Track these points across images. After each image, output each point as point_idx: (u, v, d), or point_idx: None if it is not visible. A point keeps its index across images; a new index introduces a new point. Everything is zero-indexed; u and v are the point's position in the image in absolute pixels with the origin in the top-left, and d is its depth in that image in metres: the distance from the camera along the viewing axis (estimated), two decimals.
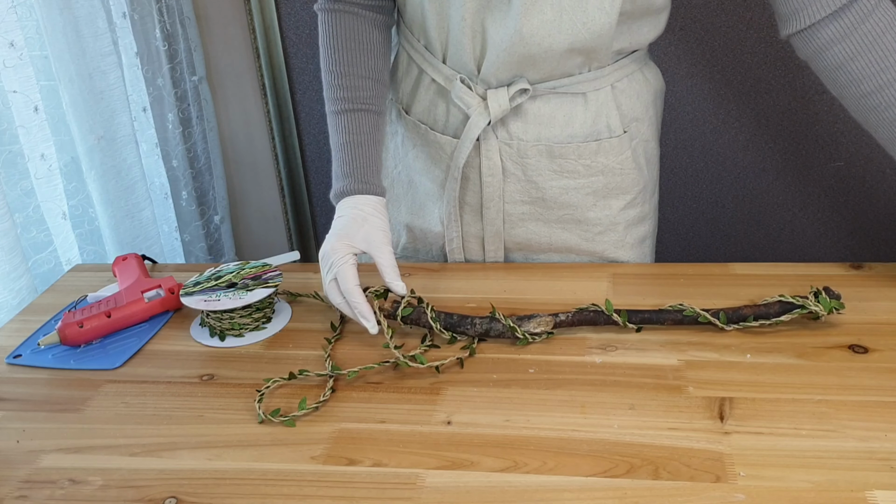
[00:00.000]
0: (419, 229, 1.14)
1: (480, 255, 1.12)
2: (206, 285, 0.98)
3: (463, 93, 1.00)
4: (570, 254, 1.10)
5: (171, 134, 1.74)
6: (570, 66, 0.97)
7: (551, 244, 1.10)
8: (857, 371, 0.83)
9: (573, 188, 1.05)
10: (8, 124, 1.21)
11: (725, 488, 0.69)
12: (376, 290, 0.92)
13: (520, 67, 0.96)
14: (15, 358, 0.95)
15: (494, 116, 0.99)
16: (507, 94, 0.98)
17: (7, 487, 0.74)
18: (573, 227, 1.08)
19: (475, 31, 0.95)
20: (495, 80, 0.98)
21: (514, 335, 0.90)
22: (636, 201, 1.09)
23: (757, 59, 1.83)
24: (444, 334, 0.91)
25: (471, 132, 1.01)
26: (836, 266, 1.03)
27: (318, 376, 0.87)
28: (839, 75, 0.93)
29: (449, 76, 1.02)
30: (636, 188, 1.08)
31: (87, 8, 1.34)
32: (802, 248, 2.04)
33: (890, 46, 0.89)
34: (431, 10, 0.97)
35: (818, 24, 0.91)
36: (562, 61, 0.96)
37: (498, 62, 0.96)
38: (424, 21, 0.99)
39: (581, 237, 1.09)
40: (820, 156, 1.92)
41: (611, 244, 1.09)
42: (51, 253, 1.31)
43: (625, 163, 1.05)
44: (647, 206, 1.11)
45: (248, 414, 0.83)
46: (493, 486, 0.71)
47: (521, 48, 0.93)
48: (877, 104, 0.91)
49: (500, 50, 0.94)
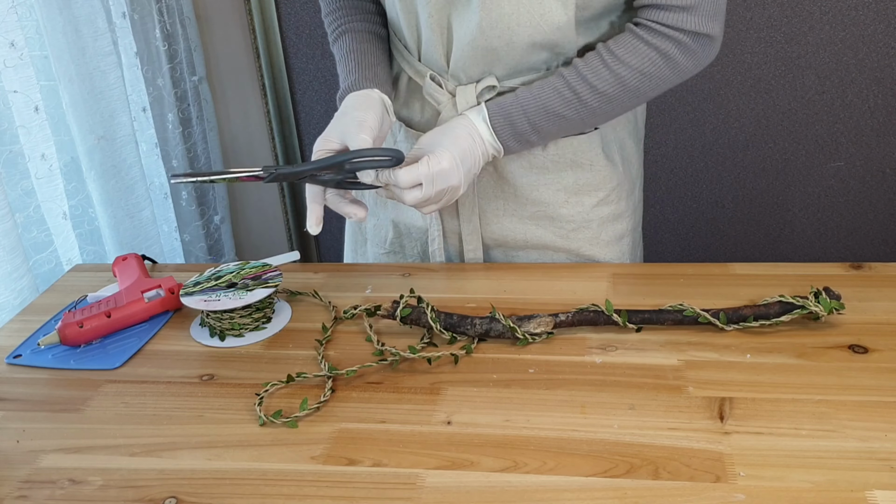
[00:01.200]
0: (404, 224, 1.15)
1: (460, 251, 1.12)
2: (206, 285, 0.98)
3: (433, 89, 1.02)
4: (547, 251, 1.11)
5: (171, 134, 1.74)
6: (535, 61, 0.98)
7: (527, 241, 1.10)
8: (857, 371, 0.83)
9: (543, 184, 1.06)
10: (8, 124, 1.21)
11: (725, 488, 0.69)
12: (367, 309, 0.94)
13: (486, 63, 0.98)
14: (15, 358, 0.95)
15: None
16: (474, 91, 0.99)
17: (7, 487, 0.74)
18: (547, 224, 1.09)
19: (442, 27, 0.97)
20: (465, 75, 1.00)
21: (514, 335, 0.90)
22: (610, 199, 1.09)
23: (757, 59, 1.83)
24: (444, 334, 0.91)
25: None
26: (836, 266, 1.03)
27: (317, 377, 0.87)
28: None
29: (422, 72, 1.03)
30: (609, 185, 1.08)
31: (87, 8, 1.34)
32: (802, 248, 2.04)
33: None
34: (401, 8, 0.98)
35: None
36: (526, 56, 0.97)
37: (464, 57, 0.97)
38: (398, 19, 1.01)
39: (555, 234, 1.09)
40: (820, 156, 1.92)
41: (585, 241, 1.09)
42: (51, 253, 1.31)
43: (595, 159, 1.06)
44: (623, 204, 1.11)
45: (248, 414, 0.83)
46: (493, 486, 0.71)
47: (482, 42, 0.94)
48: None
49: (465, 44, 0.96)
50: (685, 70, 0.95)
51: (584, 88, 0.94)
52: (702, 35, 0.91)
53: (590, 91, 0.93)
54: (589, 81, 0.93)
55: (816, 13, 1.76)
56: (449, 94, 1.02)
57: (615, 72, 0.93)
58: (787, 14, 1.77)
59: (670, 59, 0.92)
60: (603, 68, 0.93)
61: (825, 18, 1.76)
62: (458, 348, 0.90)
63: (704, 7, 0.90)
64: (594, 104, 0.94)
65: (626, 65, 0.92)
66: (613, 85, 0.93)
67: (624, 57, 0.92)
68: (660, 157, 1.97)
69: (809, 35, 1.78)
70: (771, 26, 1.78)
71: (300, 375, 0.86)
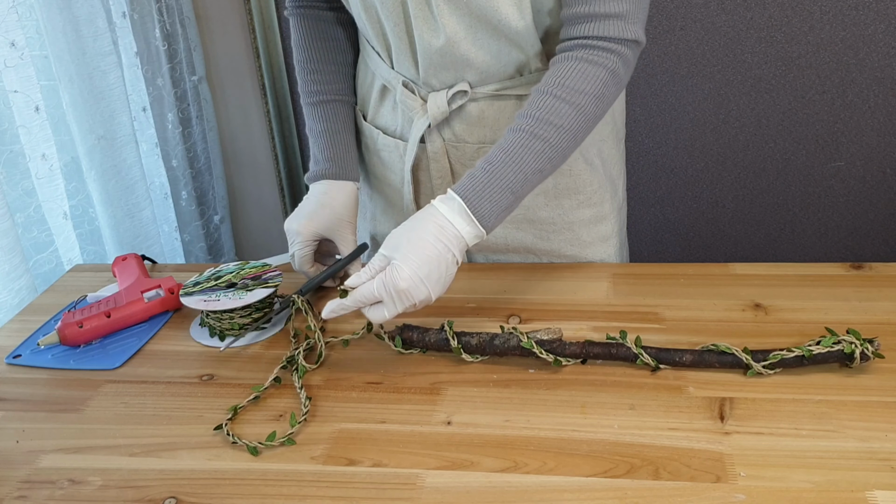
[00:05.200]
0: (381, 235, 1.15)
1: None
2: (206, 285, 0.98)
3: (405, 96, 1.02)
4: (529, 254, 1.11)
5: (171, 134, 1.74)
6: (507, 67, 0.97)
7: (508, 244, 1.10)
8: (857, 371, 0.83)
9: None
10: (9, 124, 1.21)
11: (725, 488, 0.69)
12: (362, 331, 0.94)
13: (456, 70, 0.97)
14: (15, 358, 0.95)
15: (434, 119, 1.01)
16: (445, 97, 0.99)
17: (7, 487, 0.74)
18: (527, 227, 1.09)
19: (410, 36, 0.96)
20: (437, 82, 1.00)
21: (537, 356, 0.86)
22: (591, 201, 1.08)
23: (757, 59, 1.83)
24: (468, 357, 0.88)
25: (414, 134, 1.03)
26: (837, 266, 1.03)
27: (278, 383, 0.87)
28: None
29: (394, 80, 1.03)
30: (589, 188, 1.07)
31: (87, 8, 1.34)
32: (802, 248, 2.04)
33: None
34: (368, 20, 0.98)
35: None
36: (495, 63, 0.96)
37: (433, 65, 0.97)
38: (367, 30, 1.00)
39: (536, 236, 1.09)
40: (820, 156, 1.92)
41: (566, 242, 1.09)
42: (52, 253, 1.31)
43: (574, 164, 1.05)
44: (607, 206, 1.10)
45: (248, 414, 0.83)
46: (493, 486, 0.71)
47: (449, 49, 0.94)
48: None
49: (432, 53, 0.95)
50: (623, 84, 0.92)
51: (550, 131, 0.86)
52: (636, 43, 0.89)
53: (556, 132, 0.86)
54: (553, 123, 0.86)
55: (816, 13, 1.76)
56: (421, 99, 1.02)
57: (574, 104, 0.87)
58: (787, 14, 1.77)
59: (616, 75, 0.89)
60: (562, 104, 0.86)
61: (825, 18, 1.76)
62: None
63: (635, 14, 0.88)
64: (562, 144, 0.88)
65: (583, 93, 0.87)
66: (575, 118, 0.87)
67: (578, 86, 0.87)
68: (660, 157, 1.97)
69: (809, 35, 1.78)
70: (771, 26, 1.78)
71: (256, 389, 0.86)
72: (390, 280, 0.80)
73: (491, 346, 0.87)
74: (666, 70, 1.86)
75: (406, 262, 0.81)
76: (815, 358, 0.82)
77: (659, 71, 1.86)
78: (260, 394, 0.85)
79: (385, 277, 0.81)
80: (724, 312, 0.95)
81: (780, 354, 0.82)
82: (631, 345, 0.85)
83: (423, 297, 0.82)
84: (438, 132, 1.03)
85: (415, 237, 0.82)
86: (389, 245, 0.83)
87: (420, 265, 0.81)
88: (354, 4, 0.97)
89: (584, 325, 0.94)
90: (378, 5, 0.94)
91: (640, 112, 1.92)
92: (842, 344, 0.82)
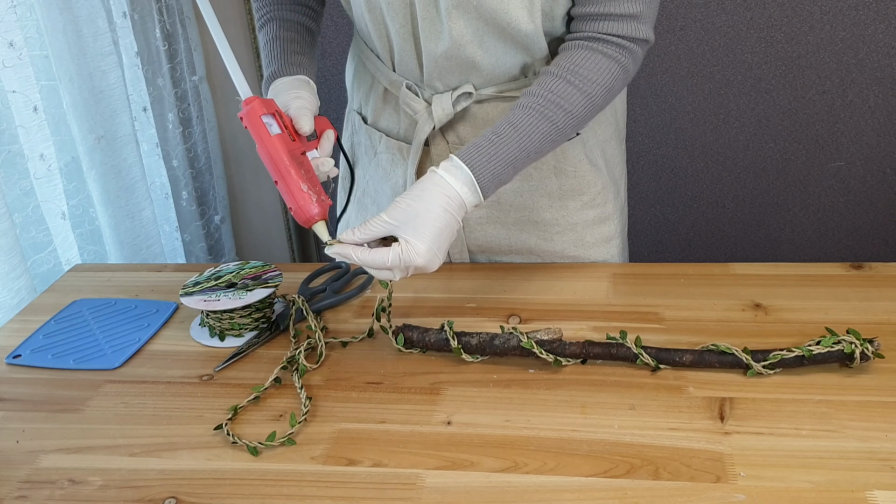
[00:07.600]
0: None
1: (446, 258, 1.11)
2: (206, 285, 0.98)
3: (409, 98, 1.01)
4: (532, 255, 1.11)
5: (172, 134, 1.74)
6: (512, 70, 0.97)
7: (511, 246, 1.10)
8: (857, 371, 0.83)
9: (526, 190, 1.06)
10: (7, 124, 1.21)
11: (725, 488, 0.69)
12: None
13: (462, 72, 0.97)
14: (14, 358, 0.95)
15: (438, 121, 1.00)
16: (450, 99, 0.99)
17: (7, 487, 0.74)
18: (531, 229, 1.09)
19: (416, 38, 0.96)
20: (442, 84, 0.99)
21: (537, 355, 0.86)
22: (595, 202, 1.08)
23: (757, 59, 1.83)
24: (468, 358, 0.89)
25: (418, 137, 1.02)
26: (836, 266, 1.03)
27: (278, 383, 0.87)
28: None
29: (397, 83, 1.02)
30: (593, 189, 1.07)
31: (87, 8, 1.34)
32: (802, 248, 2.04)
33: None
34: (372, 22, 0.97)
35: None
36: (501, 65, 0.96)
37: (438, 68, 0.97)
38: (370, 33, 1.00)
39: (539, 237, 1.09)
40: (820, 156, 1.92)
41: (570, 243, 1.09)
42: (50, 253, 1.31)
43: (578, 165, 1.05)
44: (610, 207, 1.10)
45: (248, 414, 0.83)
46: (493, 486, 0.71)
47: (456, 52, 0.94)
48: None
49: (437, 56, 0.95)
50: (629, 80, 0.94)
51: (559, 115, 0.89)
52: (647, 42, 0.92)
53: (564, 116, 0.89)
54: (563, 107, 0.88)
55: (816, 13, 1.76)
56: (425, 101, 1.01)
57: (585, 92, 0.89)
58: (787, 14, 1.77)
59: (626, 70, 0.91)
60: (574, 90, 0.89)
61: (825, 18, 1.76)
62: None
63: (647, 15, 0.90)
64: (567, 129, 0.90)
65: (595, 83, 0.89)
66: (584, 106, 0.90)
67: (590, 76, 0.89)
68: (660, 157, 1.97)
69: (809, 35, 1.78)
70: (771, 26, 1.78)
71: (256, 389, 0.86)
72: (407, 256, 0.81)
73: (491, 346, 0.87)
74: (666, 70, 1.86)
75: (421, 239, 0.81)
76: (815, 358, 0.82)
77: (659, 71, 1.86)
78: (260, 394, 0.85)
79: (402, 254, 0.81)
80: (724, 312, 0.95)
81: (780, 354, 0.83)
82: (631, 345, 0.85)
83: (436, 267, 0.84)
84: (442, 135, 1.03)
85: (422, 209, 0.83)
86: (395, 216, 0.83)
87: (433, 239, 0.82)
88: (357, 5, 0.97)
89: (584, 325, 0.94)
90: (384, 6, 0.93)
91: (640, 112, 1.92)
92: (842, 344, 0.82)
